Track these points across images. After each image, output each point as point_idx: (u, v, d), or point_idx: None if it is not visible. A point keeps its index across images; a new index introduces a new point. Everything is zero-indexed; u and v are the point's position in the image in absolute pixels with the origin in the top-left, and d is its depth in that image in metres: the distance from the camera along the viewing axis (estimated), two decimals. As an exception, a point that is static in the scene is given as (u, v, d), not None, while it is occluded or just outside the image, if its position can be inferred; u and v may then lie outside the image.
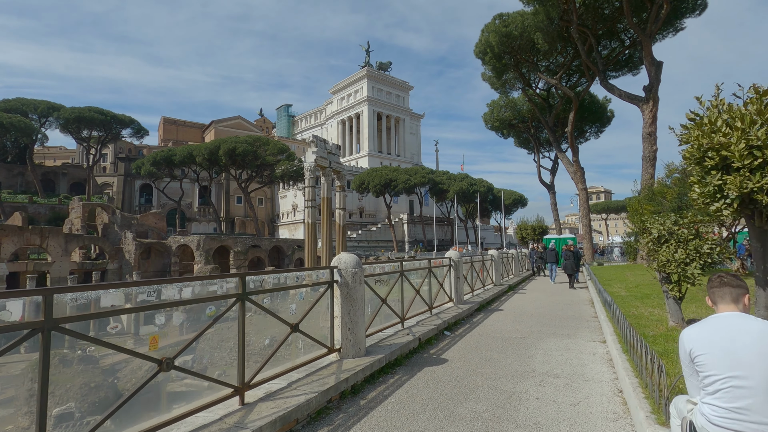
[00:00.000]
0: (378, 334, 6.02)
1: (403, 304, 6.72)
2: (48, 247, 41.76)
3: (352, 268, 4.94)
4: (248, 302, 3.62)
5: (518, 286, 16.31)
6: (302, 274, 4.45)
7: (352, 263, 4.98)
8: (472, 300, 10.38)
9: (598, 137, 45.02)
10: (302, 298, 4.21)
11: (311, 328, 4.57)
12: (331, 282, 4.85)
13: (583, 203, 32.90)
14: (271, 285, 4.14)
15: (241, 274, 3.51)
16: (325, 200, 42.97)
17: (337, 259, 5.03)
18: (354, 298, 4.89)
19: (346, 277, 4.89)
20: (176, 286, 4.44)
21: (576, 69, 36.45)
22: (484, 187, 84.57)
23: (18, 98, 67.20)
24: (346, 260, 4.99)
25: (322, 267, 4.90)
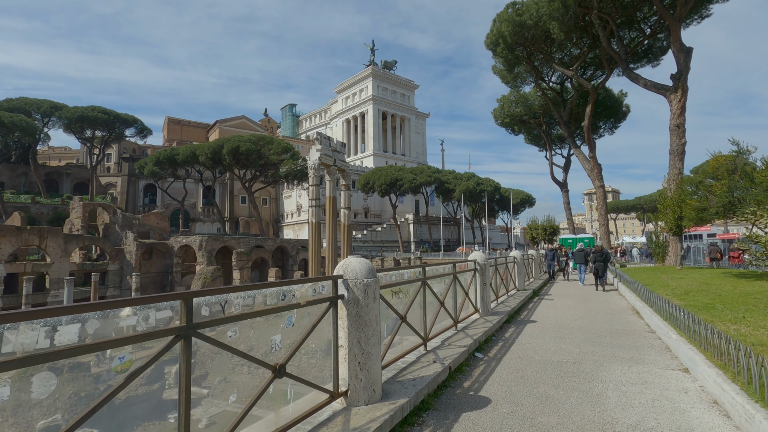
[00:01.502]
0: (396, 363, 4.62)
1: (426, 320, 5.32)
2: (47, 247, 40.79)
3: (364, 277, 3.56)
4: (197, 339, 2.25)
5: (542, 290, 14.85)
6: (292, 289, 3.02)
7: (363, 271, 3.59)
8: (499, 309, 8.95)
9: (613, 133, 43.36)
10: (291, 324, 2.80)
11: (305, 366, 3.22)
12: (335, 299, 3.46)
13: (601, 201, 31.26)
14: (240, 308, 2.76)
15: (185, 294, 2.15)
16: (330, 199, 41.63)
17: (342, 266, 3.64)
18: (367, 321, 3.51)
19: (355, 290, 3.50)
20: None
21: (591, 61, 34.86)
22: (491, 186, 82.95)
23: (21, 97, 66.63)
24: (356, 267, 3.60)
25: (321, 278, 3.50)
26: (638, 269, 19.12)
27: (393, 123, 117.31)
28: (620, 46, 24.42)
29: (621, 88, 41.78)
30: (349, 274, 3.55)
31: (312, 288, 3.34)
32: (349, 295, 3.50)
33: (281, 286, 2.95)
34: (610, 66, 29.24)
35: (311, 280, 3.40)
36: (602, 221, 31.21)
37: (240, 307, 2.70)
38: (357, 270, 3.57)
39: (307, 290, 3.27)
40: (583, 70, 33.69)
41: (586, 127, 30.47)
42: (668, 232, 18.00)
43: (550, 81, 36.14)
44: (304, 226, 78.61)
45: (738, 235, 46.36)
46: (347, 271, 3.57)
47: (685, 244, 23.84)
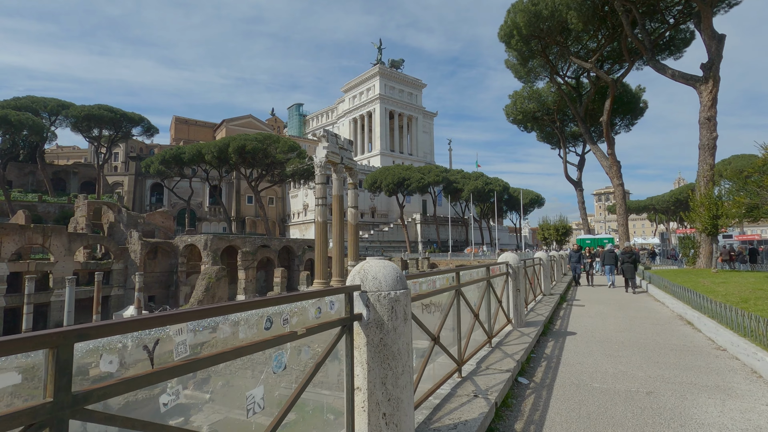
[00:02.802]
0: (429, 400, 3.50)
1: (460, 338, 4.21)
2: (51, 246, 40.27)
3: (391, 289, 2.47)
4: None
5: (567, 295, 13.65)
6: (283, 311, 1.92)
7: (389, 280, 2.50)
8: (531, 319, 7.81)
9: (629, 130, 41.87)
10: (280, 367, 1.70)
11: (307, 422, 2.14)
12: (349, 320, 2.37)
13: (620, 201, 29.85)
14: (187, 349, 1.66)
15: (53, 334, 1.08)
16: (337, 198, 40.58)
17: (360, 273, 2.55)
18: (394, 352, 2.42)
19: (378, 308, 2.42)
20: None
21: (608, 55, 33.50)
22: (500, 186, 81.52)
23: (28, 96, 66.59)
24: (379, 274, 2.51)
25: (329, 290, 2.40)
26: (667, 272, 17.83)
27: (400, 122, 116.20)
28: (644, 35, 23.06)
29: (638, 83, 40.30)
30: (370, 285, 2.46)
31: (316, 306, 2.25)
32: (369, 314, 2.41)
33: (266, 306, 1.87)
34: (632, 58, 27.87)
35: (314, 294, 2.25)
36: (621, 221, 29.79)
37: (187, 348, 1.62)
38: (381, 278, 2.49)
39: (308, 309, 2.18)
40: (601, 63, 32.30)
41: (605, 122, 29.11)
42: (701, 232, 16.71)
43: (566, 75, 34.79)
44: (310, 225, 77.77)
45: (758, 237, 44.55)
46: (366, 280, 2.49)
47: (721, 245, 22.42)
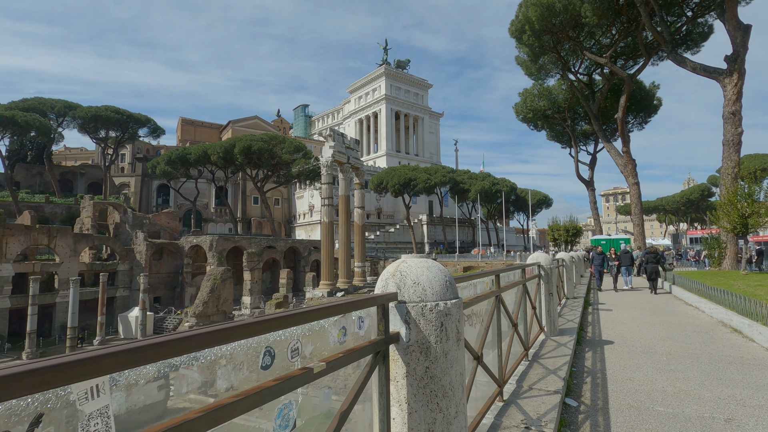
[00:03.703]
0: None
1: (501, 353, 3.52)
2: (56, 247, 40.03)
3: (440, 298, 1.80)
4: None
5: (590, 298, 12.88)
6: (291, 336, 1.24)
7: (437, 285, 1.82)
8: (562, 326, 7.08)
9: (643, 128, 40.81)
10: (287, 428, 0.99)
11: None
12: (384, 343, 1.69)
13: (636, 200, 28.88)
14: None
15: None
16: (343, 198, 40.01)
17: (395, 274, 1.87)
18: (445, 386, 1.76)
19: (423, 325, 1.74)
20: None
21: (622, 51, 32.58)
22: (507, 186, 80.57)
23: (36, 97, 66.77)
24: (421, 277, 1.83)
25: (358, 301, 1.64)
26: (691, 273, 16.96)
27: (406, 123, 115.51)
28: (664, 27, 22.18)
29: (652, 80, 39.35)
30: (410, 293, 1.79)
31: (339, 326, 1.57)
32: (410, 334, 1.75)
33: (264, 330, 1.18)
34: (649, 52, 26.95)
35: (336, 309, 1.51)
36: (637, 221, 28.83)
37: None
38: (425, 284, 1.81)
39: (329, 332, 1.50)
40: (614, 59, 31.39)
41: (620, 119, 28.21)
42: (729, 232, 15.86)
43: (578, 72, 33.92)
44: (316, 226, 77.28)
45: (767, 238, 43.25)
46: (405, 286, 1.82)
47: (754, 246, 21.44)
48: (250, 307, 47.31)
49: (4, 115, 54.26)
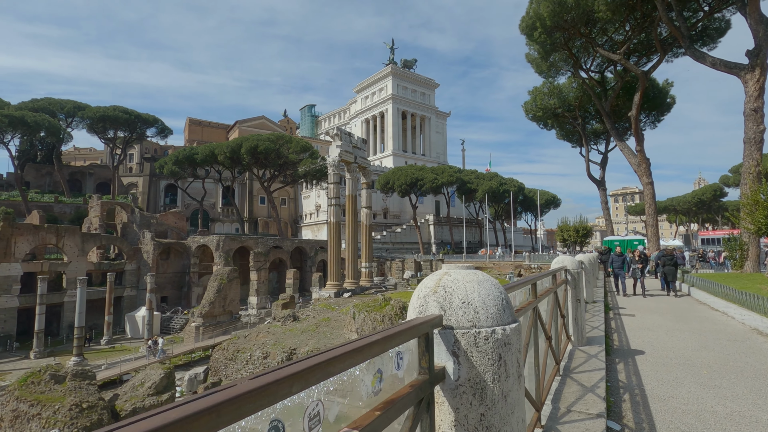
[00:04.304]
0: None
1: (538, 372, 3.09)
2: (64, 246, 40.15)
3: (496, 322, 1.40)
4: None
5: (609, 302, 12.36)
6: (310, 397, 0.81)
7: (491, 305, 1.42)
8: (588, 334, 6.62)
9: (655, 127, 40.02)
10: None
11: None
12: (428, 385, 1.28)
13: (650, 200, 28.18)
14: None
15: None
16: (350, 198, 39.64)
17: (437, 290, 1.47)
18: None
19: (476, 358, 1.35)
20: None
21: (636, 47, 31.88)
22: (515, 186, 79.86)
23: (46, 98, 67.31)
24: (472, 294, 1.42)
25: (396, 333, 1.17)
26: (712, 276, 16.35)
27: (413, 122, 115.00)
28: (681, 22, 21.52)
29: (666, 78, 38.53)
30: (459, 315, 1.40)
31: (374, 369, 1.14)
32: (459, 370, 1.36)
33: (270, 394, 0.72)
34: (664, 48, 26.27)
35: (370, 348, 1.03)
36: (651, 222, 28.12)
37: None
38: (476, 303, 1.42)
39: (361, 380, 1.07)
40: (628, 56, 30.70)
41: (634, 117, 27.53)
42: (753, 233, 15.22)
43: (590, 69, 33.25)
44: (322, 226, 77.09)
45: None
46: (452, 306, 1.42)
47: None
48: (257, 307, 47.15)
49: (14, 116, 54.68)
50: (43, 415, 17.32)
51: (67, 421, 17.13)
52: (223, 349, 26.36)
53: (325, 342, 24.05)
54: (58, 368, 19.54)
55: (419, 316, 1.43)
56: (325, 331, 25.38)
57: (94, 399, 18.16)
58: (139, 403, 19.26)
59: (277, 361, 24.17)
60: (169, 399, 20.31)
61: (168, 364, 25.62)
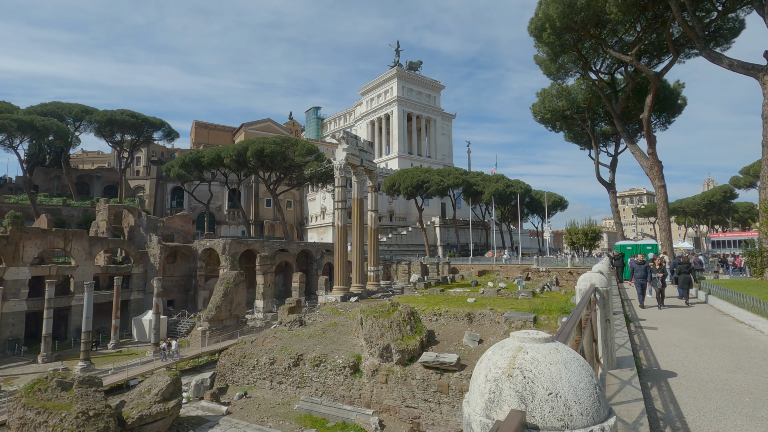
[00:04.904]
0: None
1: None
2: (72, 250, 40.29)
3: (592, 421, 1.09)
4: None
5: (628, 313, 11.96)
6: None
7: (584, 397, 1.07)
8: (619, 355, 6.28)
9: (666, 128, 39.45)
10: None
11: None
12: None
13: (663, 203, 27.67)
14: None
15: None
16: (357, 201, 39.40)
17: (516, 375, 1.15)
18: None
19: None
20: None
21: (646, 48, 31.40)
22: (521, 188, 79.36)
23: (54, 102, 67.86)
24: (560, 383, 1.12)
25: None
26: (731, 283, 15.88)
27: (418, 124, 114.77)
28: (695, 22, 21.08)
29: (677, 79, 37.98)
30: (546, 411, 1.10)
31: None
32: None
33: None
34: (677, 49, 25.79)
35: None
36: (664, 225, 27.59)
37: None
38: (566, 393, 1.10)
39: None
40: (639, 57, 30.24)
41: (646, 119, 27.06)
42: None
43: (599, 71, 32.80)
44: (328, 229, 76.98)
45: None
46: (535, 397, 1.12)
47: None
48: (263, 311, 47.02)
49: (23, 120, 55.13)
50: (49, 423, 17.20)
51: (74, 429, 16.99)
52: (229, 354, 26.19)
53: (333, 348, 23.78)
54: (65, 374, 19.43)
55: (490, 404, 1.14)
56: (332, 337, 25.10)
57: (101, 406, 18.02)
58: (146, 410, 19.08)
59: (283, 367, 23.95)
60: (176, 406, 20.14)
61: (174, 369, 25.50)
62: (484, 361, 1.29)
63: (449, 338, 22.43)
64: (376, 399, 20.19)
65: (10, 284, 35.24)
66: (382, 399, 20.00)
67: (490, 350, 1.31)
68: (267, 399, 23.20)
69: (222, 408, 22.13)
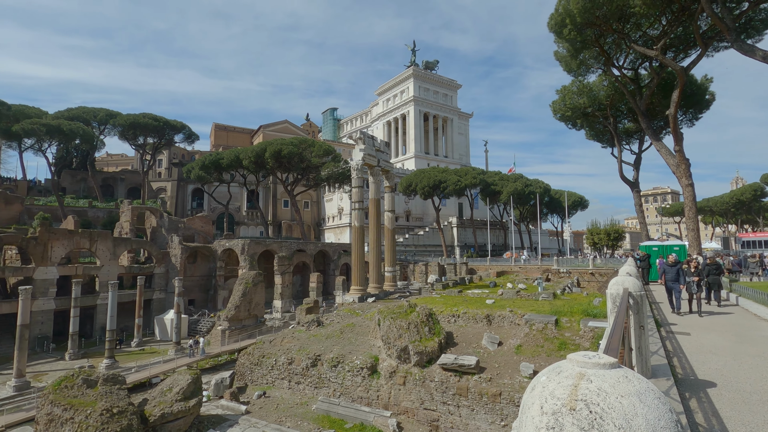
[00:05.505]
0: None
1: None
2: (97, 250, 41.42)
3: None
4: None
5: (656, 316, 11.49)
6: None
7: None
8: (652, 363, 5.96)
9: (693, 125, 38.11)
10: None
11: None
12: None
13: (690, 203, 26.65)
14: None
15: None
16: (374, 202, 39.37)
17: (581, 410, 0.94)
18: None
19: None
20: None
21: (672, 42, 30.33)
22: (540, 188, 77.93)
23: (80, 107, 69.98)
24: (634, 416, 0.92)
25: None
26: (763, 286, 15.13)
27: (435, 124, 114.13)
28: (726, 14, 20.21)
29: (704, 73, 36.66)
30: None
31: None
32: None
33: None
34: (705, 42, 24.82)
35: None
36: (692, 226, 26.58)
37: None
38: (640, 429, 0.93)
39: None
40: (664, 52, 29.26)
41: (672, 115, 26.12)
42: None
43: (622, 67, 31.87)
44: (345, 229, 77.24)
45: None
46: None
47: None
48: (281, 310, 47.42)
49: (52, 124, 57.07)
50: (75, 420, 17.62)
51: (98, 426, 17.37)
52: (248, 354, 26.43)
53: (350, 348, 23.72)
54: (91, 372, 19.89)
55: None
56: (349, 338, 25.06)
57: (124, 404, 18.38)
58: (168, 408, 19.37)
59: (301, 367, 24.02)
60: (197, 404, 20.40)
61: (195, 368, 25.87)
62: (536, 388, 1.12)
63: (468, 340, 22.10)
64: (394, 401, 20.02)
65: (39, 283, 36.42)
66: (400, 401, 19.82)
67: (544, 375, 1.14)
68: (285, 399, 23.29)
69: (241, 407, 22.29)
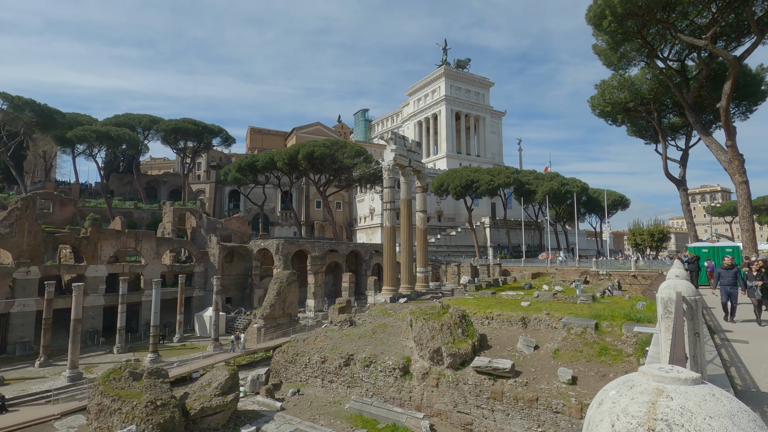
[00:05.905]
0: None
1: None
2: (141, 250, 43.61)
3: None
4: None
5: (709, 322, 10.76)
6: None
7: None
8: (708, 372, 5.58)
9: (747, 118, 35.59)
10: None
11: None
12: None
13: (744, 202, 24.88)
14: None
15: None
16: (405, 202, 39.27)
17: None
18: None
19: None
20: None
21: (722, 31, 28.44)
22: (577, 187, 75.10)
23: (126, 114, 73.98)
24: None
25: None
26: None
27: (467, 123, 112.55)
28: (786, -2, 18.76)
29: (760, 63, 34.15)
30: None
31: None
32: None
33: None
34: (761, 29, 23.11)
35: None
36: (747, 226, 24.79)
37: None
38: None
39: None
40: (714, 41, 27.48)
41: (724, 109, 24.48)
42: None
43: (667, 58, 30.21)
44: (376, 229, 77.53)
45: None
46: None
47: None
48: (314, 310, 48.21)
49: (101, 131, 60.72)
50: (122, 410, 18.59)
51: (143, 417, 18.24)
52: (283, 352, 26.99)
53: (382, 349, 23.73)
54: (136, 365, 20.93)
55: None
56: (381, 338, 25.08)
57: (167, 397, 19.20)
58: (207, 402, 20.08)
59: (334, 366, 24.26)
60: (234, 400, 21.03)
61: (232, 364, 26.70)
62: (605, 403, 1.02)
63: (502, 343, 21.60)
64: (426, 402, 19.85)
65: (90, 281, 38.76)
66: (433, 403, 19.62)
67: (613, 389, 1.04)
68: (318, 397, 23.59)
69: (276, 404, 22.77)
